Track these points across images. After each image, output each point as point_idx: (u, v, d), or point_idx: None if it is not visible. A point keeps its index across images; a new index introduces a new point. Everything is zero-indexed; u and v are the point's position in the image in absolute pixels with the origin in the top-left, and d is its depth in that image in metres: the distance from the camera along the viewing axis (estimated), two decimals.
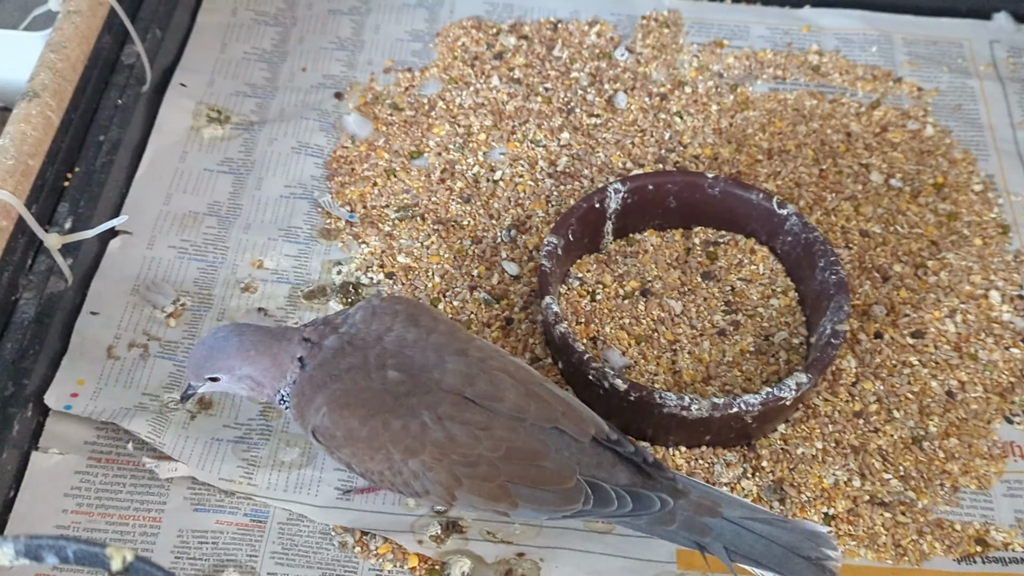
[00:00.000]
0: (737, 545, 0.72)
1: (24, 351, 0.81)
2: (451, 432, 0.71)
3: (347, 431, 0.72)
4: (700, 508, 0.73)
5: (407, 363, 0.73)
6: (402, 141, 1.04)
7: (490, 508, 0.73)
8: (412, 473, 0.72)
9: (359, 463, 0.73)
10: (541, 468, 0.72)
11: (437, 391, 0.72)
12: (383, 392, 0.72)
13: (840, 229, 0.98)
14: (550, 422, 0.73)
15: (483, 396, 0.72)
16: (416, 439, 0.71)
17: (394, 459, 0.72)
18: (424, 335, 0.74)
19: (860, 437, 0.85)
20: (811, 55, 1.13)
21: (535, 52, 1.12)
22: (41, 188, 0.87)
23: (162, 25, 1.05)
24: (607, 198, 0.93)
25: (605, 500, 0.72)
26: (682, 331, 0.89)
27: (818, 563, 0.72)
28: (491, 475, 0.72)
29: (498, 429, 0.72)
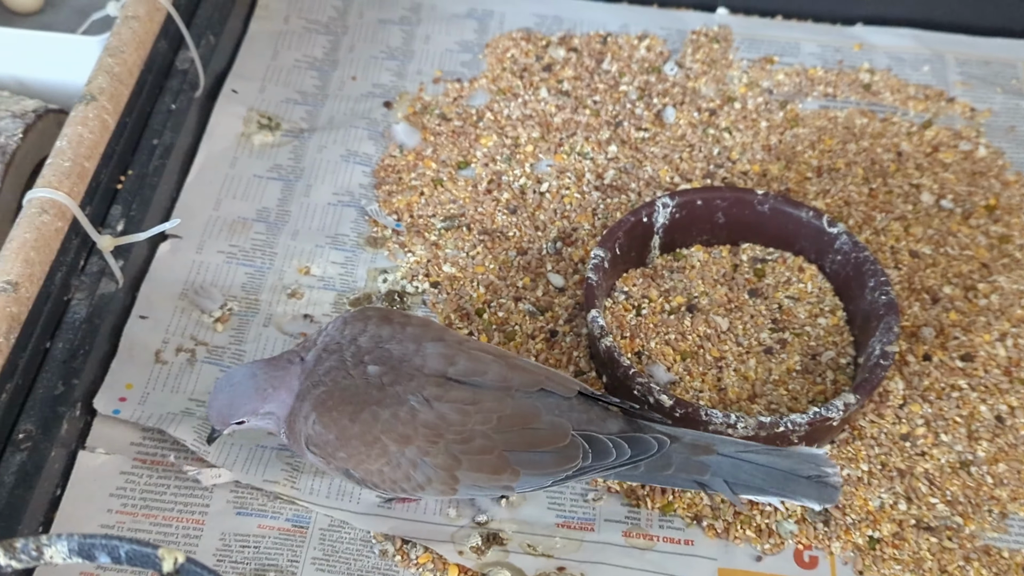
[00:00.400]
0: (737, 477, 0.75)
1: (75, 351, 0.82)
2: (440, 412, 0.72)
3: (339, 431, 0.73)
4: (695, 449, 0.75)
5: (385, 356, 0.74)
6: (450, 151, 1.04)
7: (493, 484, 0.74)
8: (411, 463, 0.73)
9: (357, 464, 0.74)
10: (535, 430, 0.73)
11: (420, 376, 0.73)
12: (366, 386, 0.73)
13: (890, 249, 0.97)
14: (535, 386, 0.75)
15: (466, 373, 0.74)
16: (408, 424, 0.72)
17: (390, 451, 0.73)
18: (399, 329, 0.76)
19: (907, 460, 0.84)
20: (862, 73, 1.12)
21: (584, 65, 1.12)
22: (95, 190, 0.88)
23: (216, 31, 1.06)
24: (655, 212, 0.92)
25: (603, 451, 0.74)
26: (728, 348, 0.89)
27: (819, 480, 0.74)
28: (487, 447, 0.73)
29: (486, 401, 0.73)
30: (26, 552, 0.48)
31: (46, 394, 0.79)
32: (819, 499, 0.75)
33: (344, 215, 0.99)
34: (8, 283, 0.75)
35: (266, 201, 1.00)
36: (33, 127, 0.94)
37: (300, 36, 1.15)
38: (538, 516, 0.80)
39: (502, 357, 0.76)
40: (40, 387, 0.79)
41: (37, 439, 0.77)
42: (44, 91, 1.01)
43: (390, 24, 1.17)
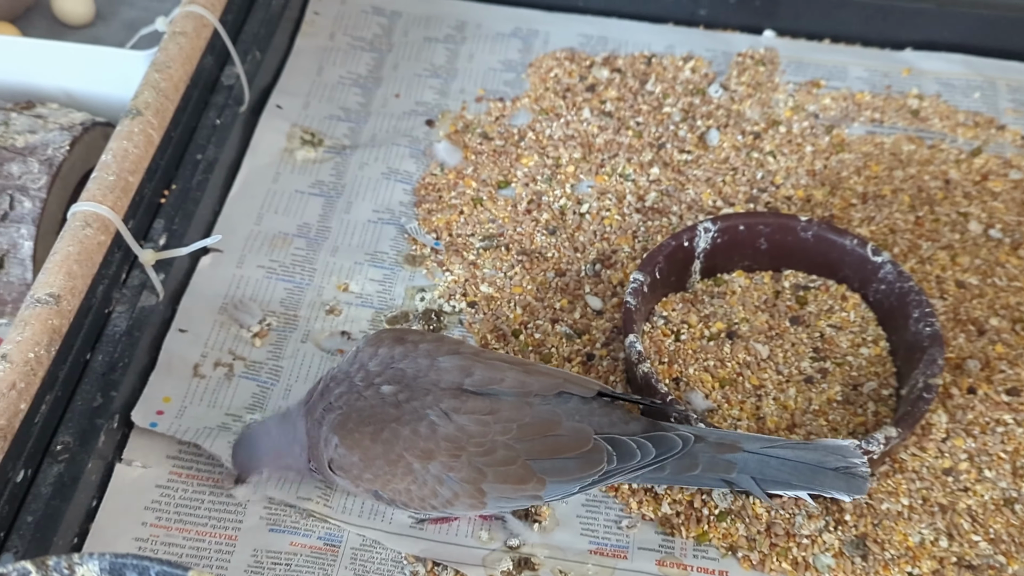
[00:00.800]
0: (764, 473, 0.74)
1: (114, 364, 0.82)
2: (460, 424, 0.72)
3: (362, 452, 0.73)
4: (720, 447, 0.75)
5: (398, 375, 0.74)
6: (490, 170, 1.04)
7: (520, 494, 0.74)
8: (436, 479, 0.73)
9: (384, 485, 0.74)
10: (557, 437, 0.73)
11: (436, 390, 0.73)
12: (382, 404, 0.73)
13: (935, 279, 0.95)
14: (554, 389, 0.74)
15: (483, 383, 0.74)
16: (429, 439, 0.72)
17: (415, 468, 0.72)
18: (412, 348, 0.76)
19: (949, 495, 0.82)
20: (911, 99, 1.11)
21: (628, 85, 1.12)
22: (139, 204, 0.89)
23: (262, 48, 1.07)
24: (696, 237, 0.92)
25: (628, 453, 0.73)
26: (768, 376, 0.88)
27: (847, 471, 0.74)
28: (510, 458, 0.72)
29: (505, 410, 0.73)
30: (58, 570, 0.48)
31: (84, 406, 0.79)
32: (848, 490, 0.75)
33: (384, 232, 0.99)
34: (50, 296, 0.76)
35: (307, 217, 1.00)
36: (80, 140, 0.95)
37: (345, 53, 1.16)
38: (571, 542, 0.80)
39: (519, 364, 0.76)
40: (79, 399, 0.80)
41: (75, 451, 0.77)
42: (92, 104, 1.03)
43: (434, 42, 1.17)
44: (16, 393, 0.72)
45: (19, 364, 0.72)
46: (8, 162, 0.91)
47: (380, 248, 0.98)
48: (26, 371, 0.72)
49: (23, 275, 0.90)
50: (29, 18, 1.16)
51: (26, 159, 0.92)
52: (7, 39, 1.03)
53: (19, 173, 0.91)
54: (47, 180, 0.91)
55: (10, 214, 0.90)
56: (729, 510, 0.81)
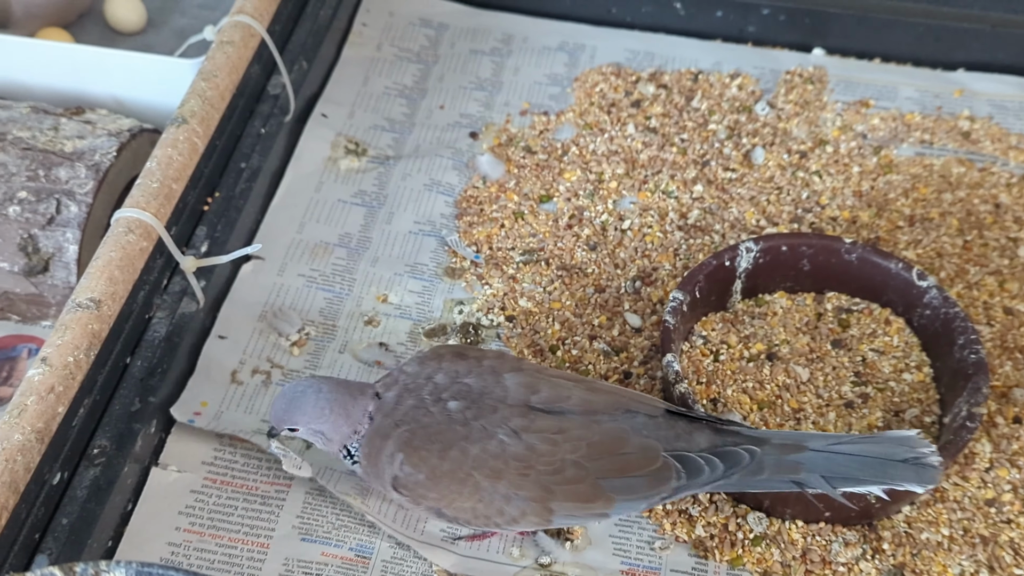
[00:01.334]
0: (833, 470, 0.73)
1: (153, 369, 0.83)
2: (530, 443, 0.72)
3: (429, 470, 0.72)
4: (785, 449, 0.73)
5: (464, 390, 0.74)
6: (532, 184, 1.04)
7: (588, 512, 0.73)
8: (504, 498, 0.72)
9: (449, 504, 0.73)
10: (625, 456, 0.72)
11: (503, 408, 0.73)
12: (450, 422, 0.72)
13: (982, 305, 0.93)
14: (620, 407, 0.74)
15: (550, 401, 0.73)
16: (498, 459, 0.72)
17: (482, 487, 0.72)
18: (475, 364, 0.75)
19: (991, 527, 0.80)
20: (962, 120, 1.09)
21: (673, 102, 1.11)
22: (182, 211, 0.89)
23: (309, 57, 1.07)
24: (738, 256, 0.91)
25: (696, 469, 0.72)
26: (807, 400, 0.86)
27: (917, 462, 0.72)
28: (579, 477, 0.72)
29: (573, 429, 0.72)
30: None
31: (122, 410, 0.80)
32: (919, 481, 0.72)
33: (424, 244, 0.99)
34: (91, 300, 0.77)
35: (348, 226, 1.00)
36: (127, 146, 0.96)
37: (391, 64, 1.16)
38: (602, 561, 0.79)
39: (581, 382, 0.75)
40: (117, 403, 0.80)
41: (111, 454, 0.78)
42: (140, 111, 1.04)
43: (481, 54, 1.17)
44: (55, 396, 0.72)
45: (58, 368, 0.73)
46: (56, 166, 0.93)
47: (420, 260, 0.98)
48: (65, 375, 0.73)
49: (67, 278, 0.91)
50: (82, 24, 1.17)
51: (74, 164, 0.93)
52: (59, 45, 1.04)
53: (67, 178, 0.92)
54: (93, 185, 0.92)
55: (56, 218, 0.91)
56: (764, 534, 0.79)
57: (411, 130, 1.10)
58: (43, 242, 0.91)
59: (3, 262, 0.91)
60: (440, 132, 1.10)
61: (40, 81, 1.04)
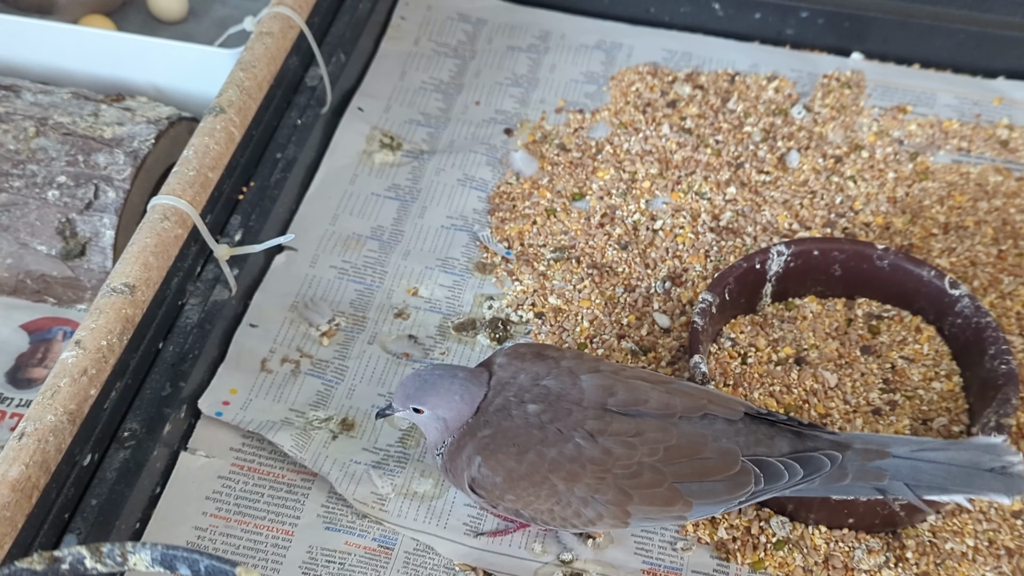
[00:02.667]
0: (917, 479, 0.71)
1: (184, 355, 0.84)
2: (606, 447, 0.71)
3: (506, 473, 0.72)
4: (868, 454, 0.72)
5: (543, 393, 0.73)
6: (565, 182, 1.04)
7: (666, 515, 0.73)
8: (581, 500, 0.72)
9: (526, 506, 0.73)
10: (704, 460, 0.72)
11: (580, 411, 0.72)
12: (528, 426, 0.72)
13: (1015, 315, 0.93)
14: (699, 411, 0.73)
15: (626, 403, 0.73)
16: (575, 462, 0.71)
17: (559, 490, 0.72)
18: (554, 364, 0.75)
19: (1017, 539, 0.80)
20: (1000, 129, 1.08)
21: (709, 103, 1.11)
22: (217, 200, 0.90)
23: (347, 50, 1.08)
24: (769, 260, 0.90)
25: (775, 475, 0.72)
26: (835, 405, 0.86)
27: (1003, 472, 0.71)
28: (657, 480, 0.71)
29: (650, 432, 0.72)
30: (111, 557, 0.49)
31: (153, 395, 0.81)
32: (1007, 491, 0.71)
33: (456, 239, 1.00)
34: (126, 285, 0.78)
35: (381, 219, 1.01)
36: (165, 133, 0.97)
37: (429, 58, 1.16)
38: (624, 560, 0.79)
39: (661, 383, 0.75)
40: (148, 388, 0.82)
41: (141, 438, 0.79)
42: (179, 99, 1.05)
43: (518, 51, 1.18)
44: (87, 379, 0.73)
45: (91, 351, 0.74)
46: (96, 152, 0.94)
47: (451, 254, 0.99)
48: (98, 358, 0.74)
49: (103, 263, 0.93)
50: (125, 12, 1.19)
51: (112, 150, 0.94)
52: (101, 33, 1.06)
53: (105, 164, 0.94)
54: (131, 172, 0.94)
55: (94, 203, 0.92)
56: (787, 539, 0.79)
57: (446, 125, 1.10)
58: (80, 227, 0.92)
59: (41, 245, 0.92)
60: (475, 128, 1.10)
61: (82, 67, 1.05)
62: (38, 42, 1.05)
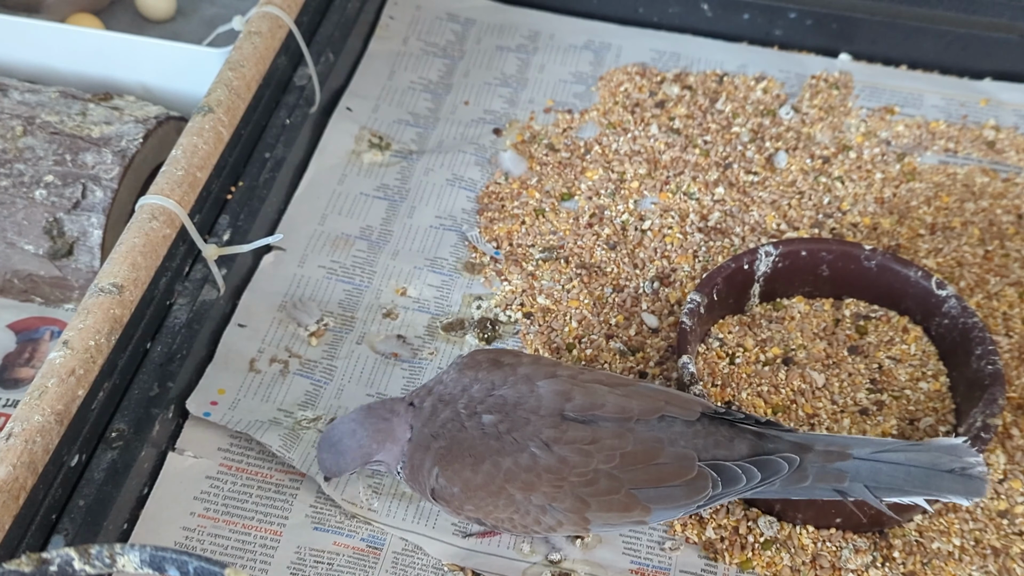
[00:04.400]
0: (877, 480, 0.72)
1: (172, 355, 0.84)
2: (562, 455, 0.71)
3: (463, 483, 0.73)
4: (829, 456, 0.72)
5: (499, 403, 0.73)
6: (554, 182, 1.04)
7: (625, 521, 0.73)
8: (539, 508, 0.72)
9: (487, 515, 0.74)
10: (660, 466, 0.72)
11: (535, 419, 0.72)
12: (483, 436, 0.72)
13: (1002, 316, 0.93)
14: (655, 413, 0.73)
15: (583, 408, 0.73)
16: (530, 471, 0.72)
17: (516, 500, 0.72)
18: (510, 372, 0.75)
19: (1002, 538, 0.80)
20: (987, 130, 1.09)
21: (698, 103, 1.11)
22: (205, 199, 0.90)
23: (336, 50, 1.08)
24: (757, 260, 0.91)
25: (732, 479, 0.72)
26: (822, 405, 0.86)
27: (963, 473, 0.71)
28: (613, 487, 0.72)
29: (606, 439, 0.72)
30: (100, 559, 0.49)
31: (141, 395, 0.81)
32: (966, 493, 0.72)
33: (444, 239, 1.00)
34: (114, 285, 0.78)
35: (370, 219, 1.01)
36: (153, 133, 0.97)
37: (417, 58, 1.16)
38: (612, 560, 0.79)
39: (619, 385, 0.75)
40: (136, 388, 0.81)
41: (129, 438, 0.79)
42: (168, 98, 1.05)
43: (506, 51, 1.18)
44: (75, 379, 0.73)
45: (79, 351, 0.74)
46: (83, 151, 0.94)
47: (440, 254, 0.99)
48: (86, 358, 0.74)
49: (91, 262, 0.92)
50: (112, 11, 1.19)
51: (100, 149, 0.94)
52: (89, 32, 1.05)
53: (93, 163, 0.93)
54: (119, 171, 0.93)
55: (82, 202, 0.92)
56: (775, 538, 0.80)
57: (435, 125, 1.10)
58: (68, 226, 0.92)
59: (28, 245, 0.92)
60: (464, 128, 1.10)
61: (69, 66, 1.05)
62: (25, 41, 1.04)
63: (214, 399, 0.86)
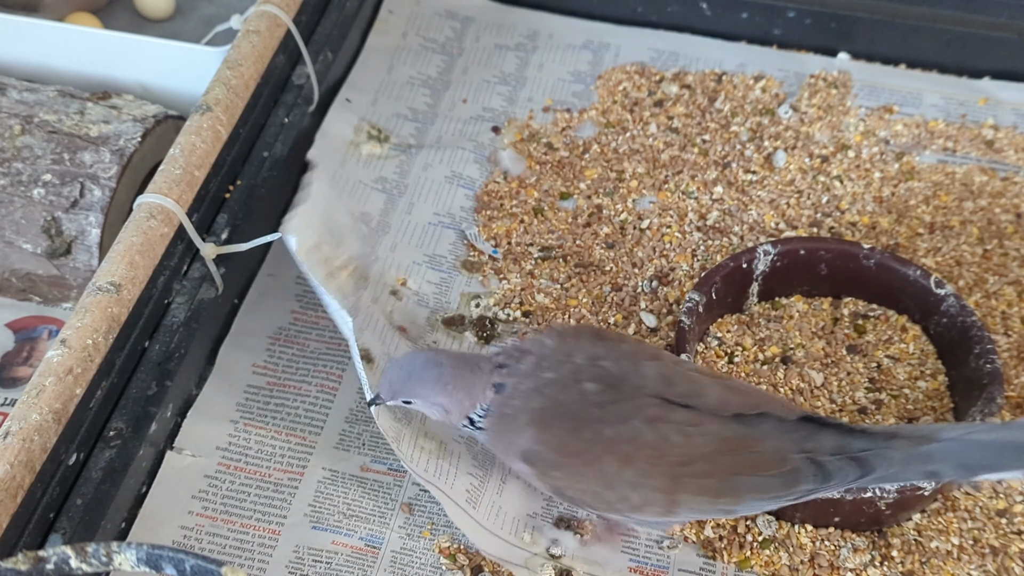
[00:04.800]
0: (968, 459, 0.70)
1: (170, 354, 0.84)
2: (664, 433, 0.70)
3: (559, 446, 0.71)
4: (916, 441, 0.71)
5: (602, 374, 0.72)
6: (553, 181, 1.04)
7: (714, 507, 0.72)
8: (629, 484, 0.71)
9: (572, 484, 0.72)
10: (757, 454, 0.71)
11: (639, 396, 0.71)
12: (586, 404, 0.71)
13: (1000, 315, 0.93)
14: (754, 408, 0.72)
15: (685, 395, 0.72)
16: (631, 444, 0.70)
17: (608, 472, 0.71)
18: (613, 347, 0.74)
19: (1001, 538, 0.80)
20: (986, 129, 1.09)
21: (696, 103, 1.11)
22: (204, 198, 0.90)
23: (334, 48, 1.08)
24: (756, 259, 0.91)
25: (827, 474, 0.71)
26: (821, 404, 0.86)
27: None
28: (709, 471, 0.71)
29: (707, 424, 0.71)
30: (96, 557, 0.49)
31: (139, 394, 0.81)
32: None
33: (443, 236, 1.00)
34: (112, 284, 0.78)
35: (368, 207, 1.01)
36: (152, 132, 0.97)
37: (416, 53, 1.16)
38: (610, 558, 0.79)
39: (718, 378, 0.75)
40: (134, 387, 0.81)
41: (127, 437, 0.79)
42: (166, 97, 1.04)
43: (505, 49, 1.18)
44: (72, 378, 0.73)
45: (77, 350, 0.74)
46: (81, 150, 0.94)
47: (439, 251, 0.99)
48: (83, 357, 0.74)
49: (89, 261, 0.92)
50: (111, 10, 1.18)
51: (98, 148, 0.94)
52: (87, 31, 1.05)
53: (91, 162, 0.93)
54: (117, 170, 0.93)
55: (80, 201, 0.92)
56: (773, 537, 0.80)
57: (433, 121, 1.10)
58: (66, 225, 0.92)
59: (26, 244, 0.92)
60: (462, 125, 1.10)
61: (67, 65, 1.05)
62: (23, 39, 1.04)
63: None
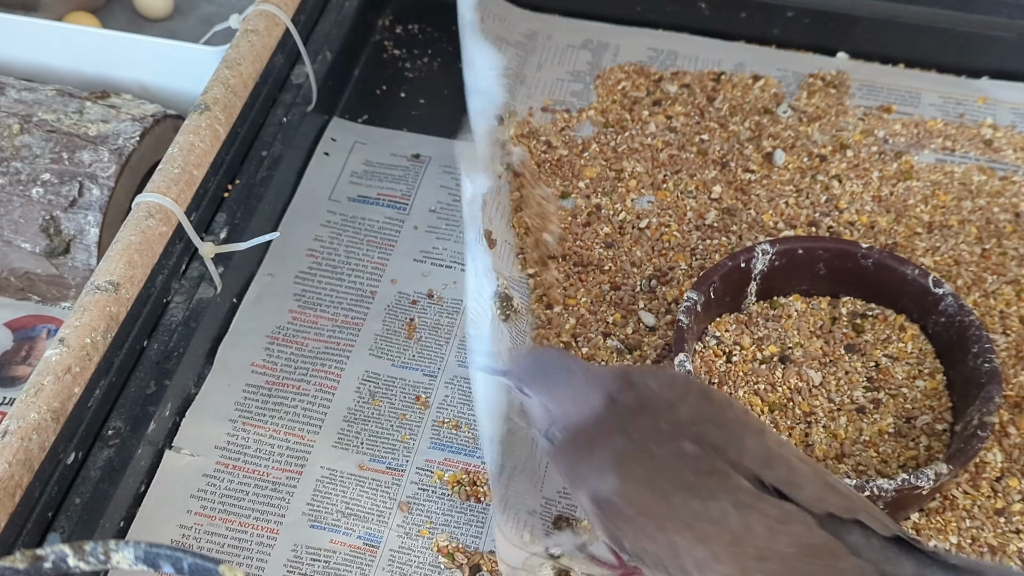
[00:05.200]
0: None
1: (169, 353, 0.84)
2: (749, 523, 0.65)
3: (640, 505, 0.67)
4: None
5: (703, 437, 0.67)
6: (552, 180, 1.04)
7: None
8: (696, 562, 0.66)
9: (635, 541, 0.68)
10: (836, 571, 0.65)
11: (735, 473, 0.66)
12: (680, 467, 0.66)
13: (999, 314, 0.93)
14: (850, 513, 0.66)
15: (781, 482, 0.66)
16: (713, 525, 0.65)
17: (679, 544, 0.66)
18: (719, 410, 0.69)
19: (1000, 537, 0.80)
20: (984, 128, 1.09)
21: (695, 102, 1.11)
22: (202, 197, 0.90)
23: (332, 48, 1.08)
24: (754, 258, 0.91)
25: None
26: (819, 404, 0.86)
27: None
28: (781, 573, 0.65)
29: (795, 524, 0.65)
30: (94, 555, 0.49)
31: (138, 393, 0.81)
32: None
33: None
34: (110, 283, 0.78)
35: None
36: (151, 131, 0.97)
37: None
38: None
39: (821, 474, 0.68)
40: (132, 386, 0.81)
41: (125, 436, 0.79)
42: (165, 97, 1.04)
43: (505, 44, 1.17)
44: (71, 377, 0.73)
45: (76, 349, 0.74)
46: (80, 149, 0.94)
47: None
48: (82, 356, 0.74)
49: (88, 260, 0.92)
50: (110, 9, 1.18)
51: (97, 148, 0.94)
52: (86, 30, 1.05)
53: (90, 161, 0.93)
54: (116, 169, 0.93)
55: (79, 200, 0.92)
56: None
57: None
58: (65, 224, 0.92)
59: (25, 243, 0.92)
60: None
61: (66, 64, 1.05)
62: (22, 39, 1.04)
63: None
